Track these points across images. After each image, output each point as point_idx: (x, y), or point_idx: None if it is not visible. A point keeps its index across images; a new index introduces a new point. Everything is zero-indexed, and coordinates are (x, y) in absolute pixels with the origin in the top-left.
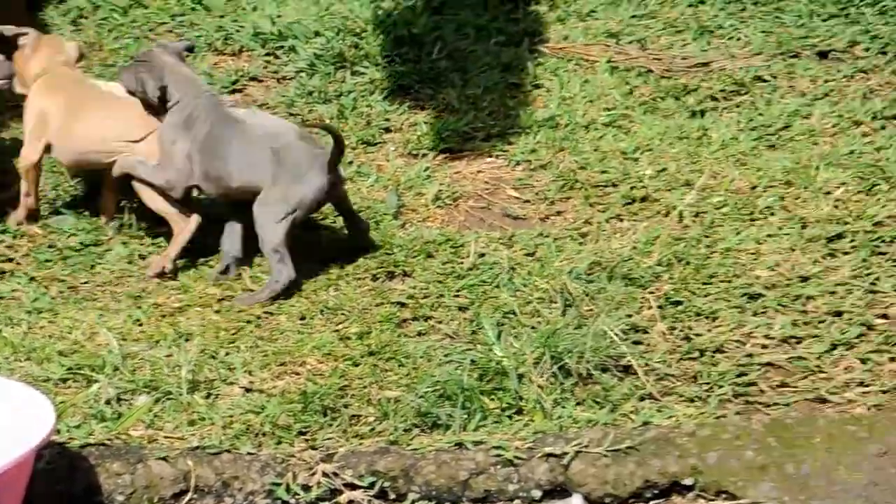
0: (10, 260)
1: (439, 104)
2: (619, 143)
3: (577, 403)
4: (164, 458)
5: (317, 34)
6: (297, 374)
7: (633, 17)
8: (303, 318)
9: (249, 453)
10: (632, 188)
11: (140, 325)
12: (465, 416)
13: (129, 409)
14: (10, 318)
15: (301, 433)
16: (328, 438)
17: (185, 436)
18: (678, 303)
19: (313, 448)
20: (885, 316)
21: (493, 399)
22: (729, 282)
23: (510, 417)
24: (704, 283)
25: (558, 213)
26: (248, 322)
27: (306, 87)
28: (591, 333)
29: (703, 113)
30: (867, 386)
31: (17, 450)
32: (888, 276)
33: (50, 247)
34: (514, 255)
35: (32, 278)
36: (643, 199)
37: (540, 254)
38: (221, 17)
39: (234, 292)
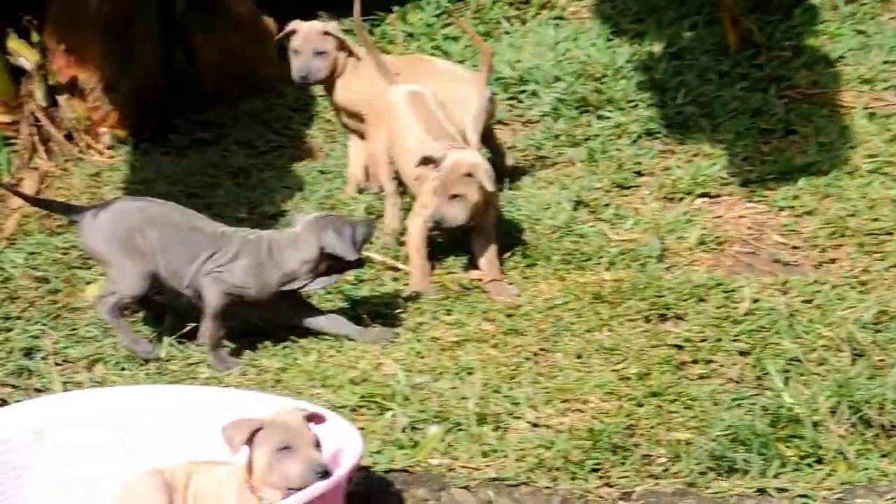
0: None
1: (690, 149)
2: (889, 190)
3: (882, 455)
4: (465, 487)
5: (557, 79)
6: (581, 411)
7: (886, 62)
8: (579, 357)
9: (547, 487)
10: None
11: (421, 357)
12: (763, 462)
13: (422, 437)
14: (302, 347)
15: (594, 470)
16: (622, 476)
17: (480, 466)
18: None
19: (609, 486)
20: None
21: (789, 446)
22: None
23: (810, 466)
24: None
25: (832, 260)
26: (527, 359)
27: (553, 131)
28: (892, 385)
29: None
30: None
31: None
32: None
33: None
34: (791, 301)
35: None
36: None
37: (819, 301)
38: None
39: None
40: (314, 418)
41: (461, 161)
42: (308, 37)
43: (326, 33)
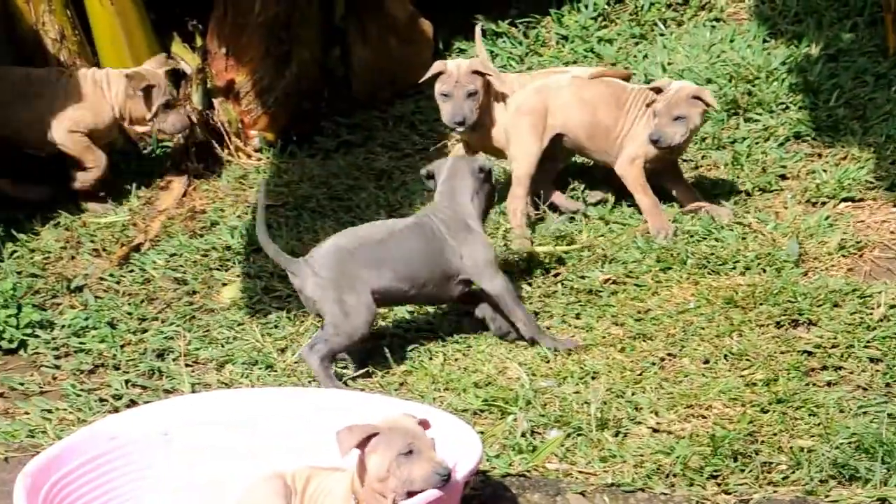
0: None
1: (838, 152)
2: None
3: None
4: (581, 493)
5: (709, 81)
6: (704, 417)
7: None
8: (706, 363)
9: (663, 493)
10: None
11: (546, 361)
12: (886, 471)
13: (542, 442)
14: (428, 351)
15: (712, 476)
16: (740, 484)
17: (598, 472)
18: None
19: (726, 493)
20: None
21: None
22: None
23: None
24: None
25: None
26: (652, 364)
27: (699, 134)
28: None
29: None
30: None
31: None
32: None
33: None
34: None
35: (446, 313)
36: None
37: None
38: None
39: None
40: (423, 423)
41: (688, 85)
42: (459, 78)
43: (476, 72)
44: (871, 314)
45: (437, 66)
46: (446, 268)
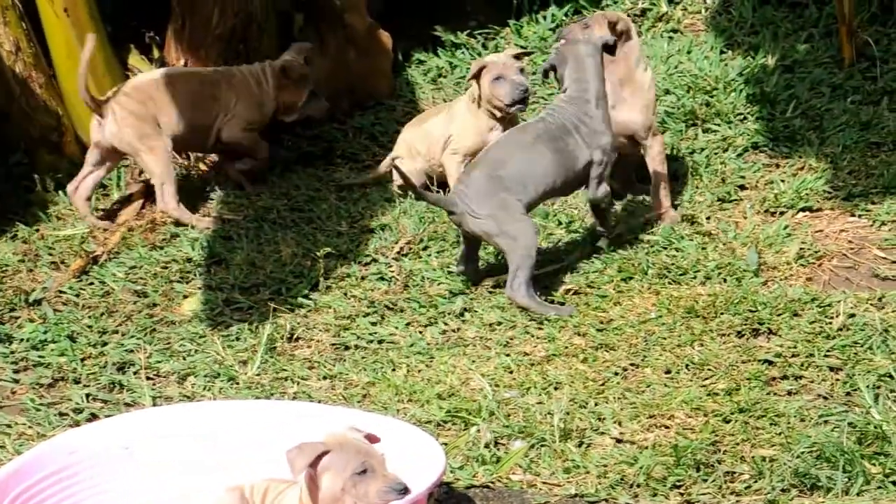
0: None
1: (795, 162)
2: None
3: None
4: None
5: (667, 92)
6: (667, 427)
7: None
8: (668, 372)
9: (627, 503)
10: None
11: (510, 372)
12: (847, 480)
13: (505, 453)
14: (391, 362)
15: (675, 486)
16: (703, 494)
17: (562, 482)
18: None
19: (689, 503)
20: None
21: (874, 464)
22: None
23: (895, 484)
24: None
25: None
26: (615, 374)
27: None
28: None
29: None
30: None
31: (413, 488)
32: None
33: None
34: (886, 316)
35: (409, 323)
36: None
37: None
38: None
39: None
40: (371, 438)
41: None
42: (505, 62)
43: (517, 56)
44: (831, 323)
45: (477, 62)
46: (576, 167)
